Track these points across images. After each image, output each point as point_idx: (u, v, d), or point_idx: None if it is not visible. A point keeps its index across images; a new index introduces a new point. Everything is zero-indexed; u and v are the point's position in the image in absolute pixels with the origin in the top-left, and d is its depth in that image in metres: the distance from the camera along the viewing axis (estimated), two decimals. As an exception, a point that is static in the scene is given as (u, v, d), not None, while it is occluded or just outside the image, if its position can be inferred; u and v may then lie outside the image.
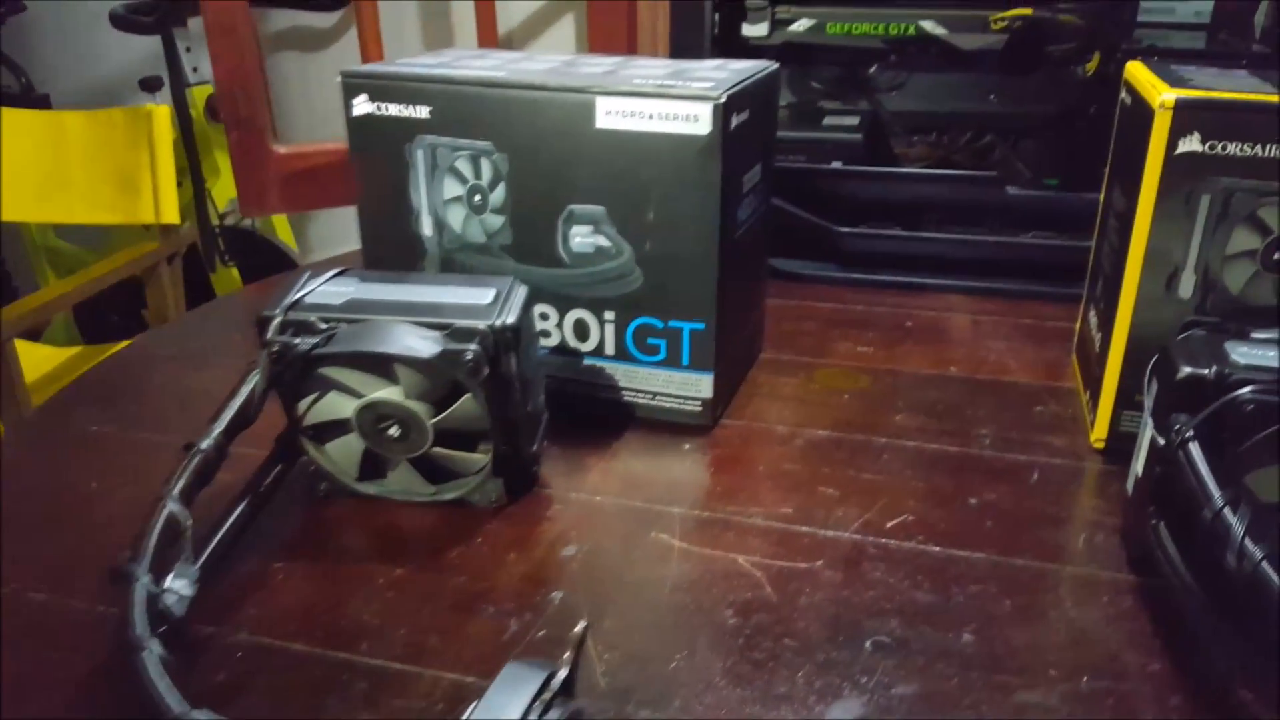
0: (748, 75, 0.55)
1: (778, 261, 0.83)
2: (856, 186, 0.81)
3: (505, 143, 0.54)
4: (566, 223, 0.55)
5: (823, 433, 0.57)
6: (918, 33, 0.80)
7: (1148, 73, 0.53)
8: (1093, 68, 0.78)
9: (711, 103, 0.50)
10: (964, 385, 0.63)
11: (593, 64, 0.58)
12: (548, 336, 0.58)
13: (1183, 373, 0.41)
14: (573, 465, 0.54)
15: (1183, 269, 0.49)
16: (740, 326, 0.61)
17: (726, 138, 0.51)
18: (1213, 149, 0.47)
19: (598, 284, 0.55)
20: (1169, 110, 0.47)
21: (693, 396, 0.57)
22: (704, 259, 0.53)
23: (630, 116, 0.52)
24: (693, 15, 0.76)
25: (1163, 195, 0.48)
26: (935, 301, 0.77)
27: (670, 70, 0.56)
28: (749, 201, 0.58)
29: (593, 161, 0.53)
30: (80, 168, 1.36)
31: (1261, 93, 0.47)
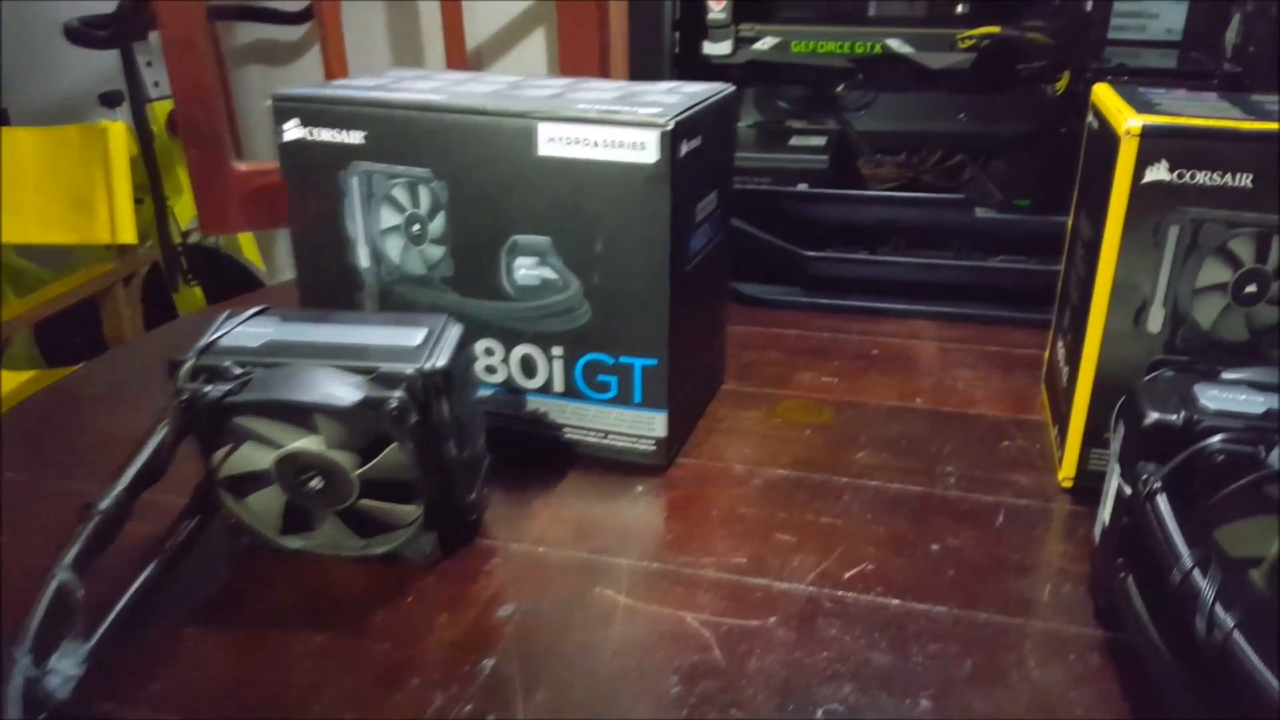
0: (701, 99, 0.53)
1: (743, 286, 0.80)
2: (822, 209, 0.79)
3: (444, 170, 0.52)
4: (510, 254, 0.52)
5: (782, 472, 0.55)
6: (884, 51, 0.78)
7: (1114, 96, 0.51)
8: (1062, 86, 0.77)
9: (658, 130, 0.48)
10: (929, 418, 0.61)
11: (540, 87, 0.56)
12: (493, 373, 0.55)
13: (1149, 419, 0.38)
14: (517, 512, 0.51)
15: (1151, 302, 0.47)
16: (697, 361, 0.58)
17: (676, 166, 0.49)
18: (1181, 178, 0.45)
19: (544, 318, 0.53)
20: (1135, 138, 0.45)
21: (646, 435, 0.54)
22: (654, 293, 0.51)
23: (574, 143, 0.49)
24: (650, 34, 0.74)
25: (1130, 225, 0.46)
26: (902, 327, 0.75)
27: (619, 94, 0.54)
28: (703, 231, 0.55)
29: (536, 190, 0.50)
30: (33, 186, 1.33)
31: (1230, 118, 0.45)
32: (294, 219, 0.56)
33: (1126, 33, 0.81)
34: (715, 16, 0.79)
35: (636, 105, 0.50)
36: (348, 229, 0.55)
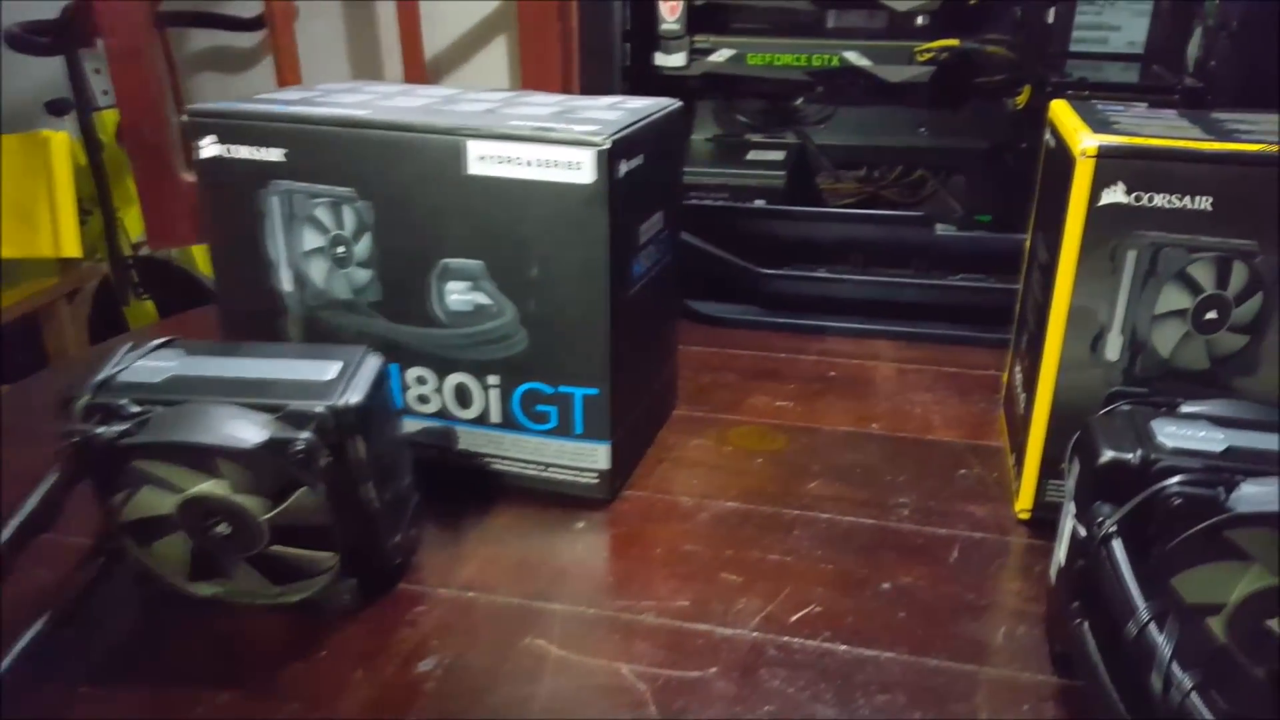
0: (644, 115, 0.50)
1: (698, 305, 0.78)
2: (780, 226, 0.77)
3: (369, 189, 0.49)
4: (440, 278, 0.49)
5: (731, 504, 0.52)
6: (842, 64, 0.76)
7: (1071, 113, 0.49)
8: (1023, 100, 0.75)
9: (594, 148, 0.45)
10: (885, 445, 0.59)
11: (475, 101, 0.53)
12: (425, 403, 0.52)
13: (1105, 457, 0.36)
14: (448, 553, 0.48)
15: (1109, 329, 0.45)
16: (642, 388, 0.55)
17: (615, 186, 0.46)
18: (1139, 200, 0.43)
19: (478, 346, 0.50)
20: (1091, 158, 0.43)
21: (588, 468, 0.51)
22: (594, 319, 0.48)
23: (505, 162, 0.46)
24: (600, 45, 0.71)
25: (1086, 249, 0.44)
26: (861, 348, 0.73)
27: (558, 109, 0.51)
28: (648, 253, 0.53)
29: (466, 211, 0.48)
30: (-28, 199, 1.28)
31: (1190, 138, 0.43)
32: (213, 241, 0.53)
33: (1088, 45, 0.80)
34: (669, 27, 0.77)
35: (573, 122, 0.47)
36: (269, 251, 0.52)
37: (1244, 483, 0.34)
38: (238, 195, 0.51)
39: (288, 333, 0.53)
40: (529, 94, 0.56)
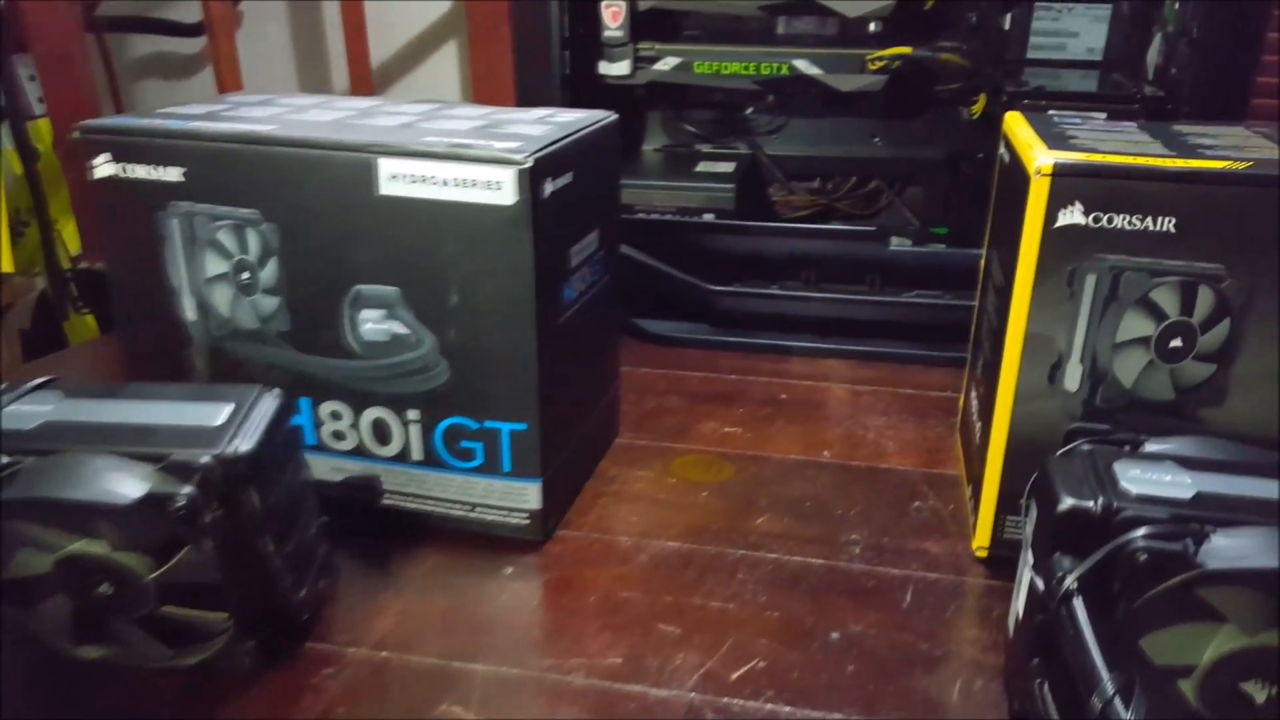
0: (574, 130, 0.47)
1: (646, 323, 0.75)
2: (729, 241, 0.73)
3: (274, 211, 0.45)
4: (353, 306, 0.46)
5: (672, 544, 0.49)
6: (791, 73, 0.73)
7: (1025, 127, 0.46)
8: (978, 110, 0.72)
9: (515, 167, 0.42)
10: (837, 475, 0.56)
11: (394, 114, 0.50)
12: (341, 439, 0.48)
13: (1064, 505, 0.33)
14: (362, 605, 0.44)
15: (1067, 358, 0.42)
16: (578, 420, 0.52)
17: (540, 207, 0.43)
18: (1098, 221, 0.40)
19: (396, 378, 0.46)
20: (1046, 177, 0.40)
21: (518, 508, 0.48)
22: (520, 350, 0.45)
23: (419, 182, 0.43)
24: (537, 53, 0.68)
25: (1042, 273, 0.41)
26: (813, 368, 0.70)
27: (481, 124, 0.48)
28: (581, 277, 0.49)
29: (379, 234, 0.44)
30: (-107, 212, 1.22)
31: (1151, 154, 0.41)
32: (112, 267, 0.49)
33: (1046, 52, 0.77)
34: (611, 34, 0.73)
35: (496, 138, 0.44)
36: (170, 278, 0.48)
37: (1214, 534, 0.31)
38: (136, 218, 0.47)
39: (193, 364, 0.49)
40: (455, 106, 0.52)
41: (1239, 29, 0.59)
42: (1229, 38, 0.60)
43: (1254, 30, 0.60)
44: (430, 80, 1.62)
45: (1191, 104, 0.62)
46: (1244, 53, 0.60)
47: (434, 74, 1.62)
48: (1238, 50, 0.60)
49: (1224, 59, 0.60)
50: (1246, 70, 0.61)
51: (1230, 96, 0.61)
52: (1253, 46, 0.60)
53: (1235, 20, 0.59)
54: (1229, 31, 0.59)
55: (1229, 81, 0.61)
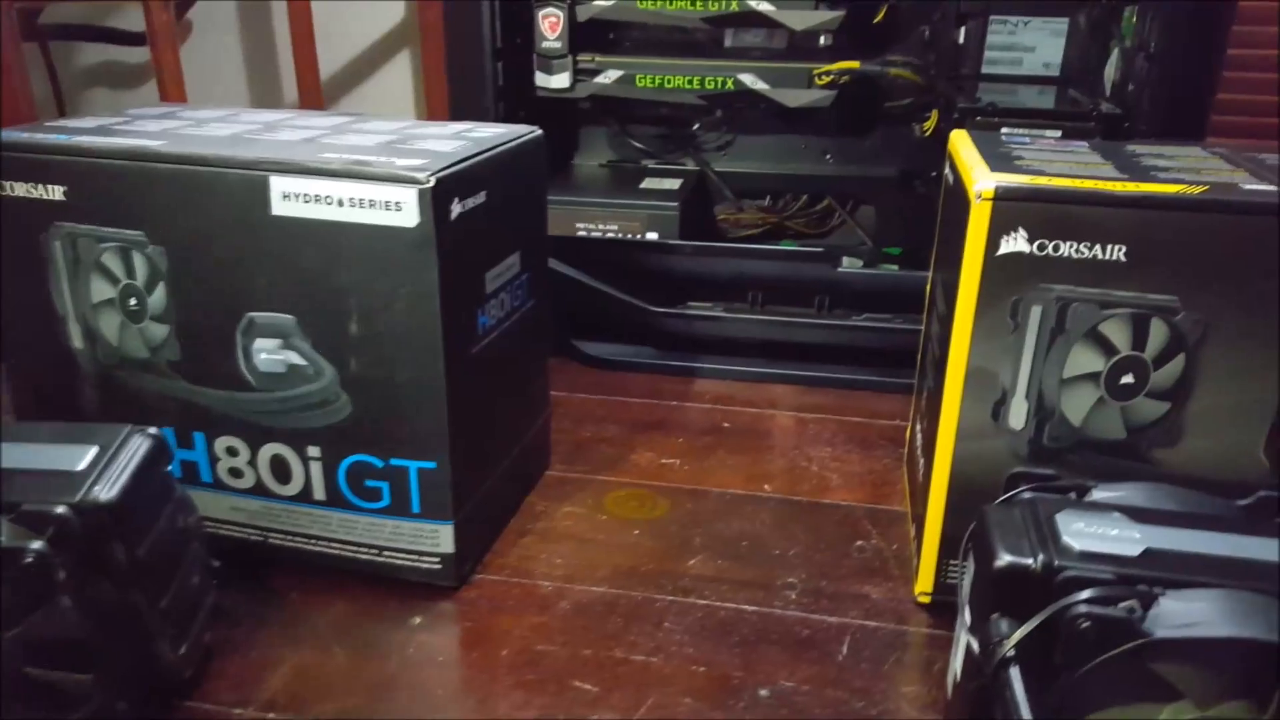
0: (490, 146, 0.44)
1: (586, 346, 0.71)
2: (674, 262, 0.70)
3: (163, 232, 0.41)
4: (247, 335, 0.42)
5: (598, 589, 0.46)
6: (737, 87, 0.70)
7: (970, 146, 0.43)
8: (930, 126, 0.70)
9: (417, 186, 0.38)
10: (777, 510, 0.53)
11: (300, 127, 0.46)
12: (239, 477, 0.45)
13: (1002, 561, 0.30)
14: (255, 659, 0.41)
15: (1012, 394, 0.39)
16: (497, 455, 0.48)
17: (446, 229, 0.39)
18: (1043, 249, 0.37)
19: (294, 412, 0.43)
20: (987, 201, 0.37)
21: (429, 552, 0.44)
22: (427, 382, 0.41)
23: (315, 201, 0.39)
24: (470, 65, 0.65)
25: (984, 304, 0.39)
26: (759, 393, 0.67)
27: (391, 138, 0.44)
28: (500, 302, 0.46)
29: (273, 258, 0.41)
30: None
31: (1101, 176, 0.38)
32: None
33: (1001, 67, 0.75)
34: (549, 46, 0.70)
35: (402, 154, 0.41)
36: (56, 303, 0.44)
37: (1164, 597, 0.28)
38: (19, 239, 0.43)
39: (84, 396, 0.46)
40: (370, 119, 0.49)
41: (1197, 45, 0.57)
42: (1187, 54, 0.58)
43: (1212, 46, 0.58)
44: (383, 90, 1.58)
45: (1149, 121, 0.59)
46: (1203, 69, 0.58)
47: (386, 83, 1.59)
48: (1196, 66, 0.58)
49: (1182, 75, 0.58)
50: (1205, 87, 0.59)
51: (1189, 114, 0.59)
52: (1211, 63, 0.58)
53: (1193, 36, 0.57)
54: (1187, 47, 0.57)
55: (1188, 98, 0.59)
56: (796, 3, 0.67)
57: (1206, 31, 0.57)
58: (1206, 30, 0.57)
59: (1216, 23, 0.57)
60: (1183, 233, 0.36)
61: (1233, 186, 0.37)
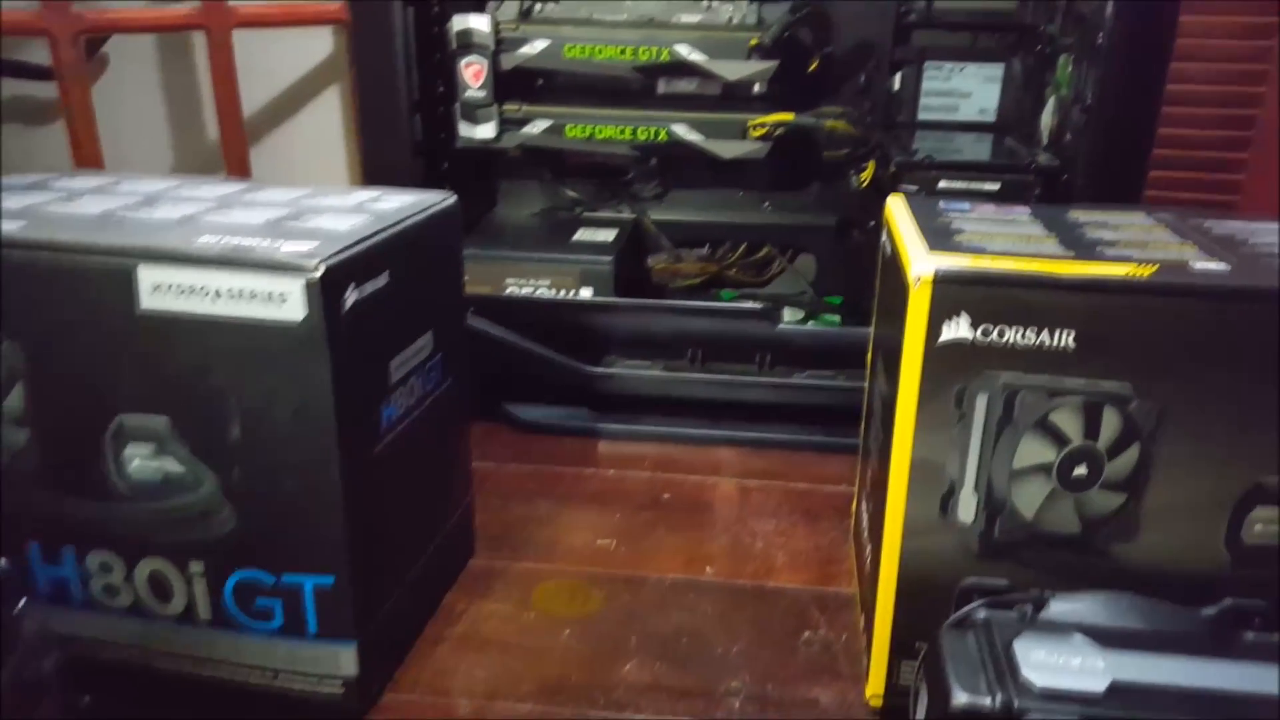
0: (394, 221, 0.40)
1: (518, 410, 0.68)
2: (608, 319, 0.67)
3: (18, 327, 0.37)
4: (117, 440, 0.38)
5: (522, 706, 0.42)
6: (670, 138, 0.67)
7: (908, 216, 0.41)
8: (867, 177, 0.68)
9: (303, 276, 0.34)
10: (720, 598, 0.49)
11: (187, 199, 0.42)
12: (114, 595, 0.40)
13: (957, 701, 0.27)
14: (124, 811, 0.36)
15: (960, 487, 0.37)
16: (408, 559, 0.44)
17: (340, 322, 0.36)
18: (987, 335, 0.34)
19: (172, 524, 0.38)
20: (927, 286, 0.34)
21: (330, 675, 0.40)
22: (320, 490, 0.37)
23: (188, 294, 0.35)
24: (384, 115, 0.61)
25: (927, 392, 0.36)
26: (701, 458, 0.64)
27: (283, 212, 0.40)
28: (409, 389, 0.42)
29: (144, 356, 0.36)
30: None
31: (1045, 254, 0.36)
32: None
33: (937, 113, 0.73)
34: (473, 95, 0.67)
35: (287, 235, 0.37)
36: (-103, 405, 0.39)
37: (1133, 746, 0.25)
38: None
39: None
40: (263, 189, 0.45)
41: (1134, 98, 0.56)
42: (1124, 107, 0.56)
43: (1149, 99, 0.56)
44: (311, 124, 1.53)
45: (1088, 176, 0.58)
46: (1141, 122, 0.57)
47: (315, 118, 1.53)
48: (1134, 120, 0.56)
49: (1121, 129, 0.57)
50: (1144, 140, 0.57)
51: (1129, 167, 0.57)
52: (1148, 116, 0.57)
53: (1130, 89, 0.55)
54: (1124, 100, 0.56)
55: (1126, 151, 0.57)
56: (729, 53, 0.64)
57: (1142, 86, 0.55)
58: (1142, 84, 0.55)
59: (1152, 77, 0.56)
60: (1133, 317, 0.34)
61: (1182, 265, 0.35)
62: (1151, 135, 0.57)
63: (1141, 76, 0.56)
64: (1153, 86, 0.56)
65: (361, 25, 0.59)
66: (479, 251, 0.68)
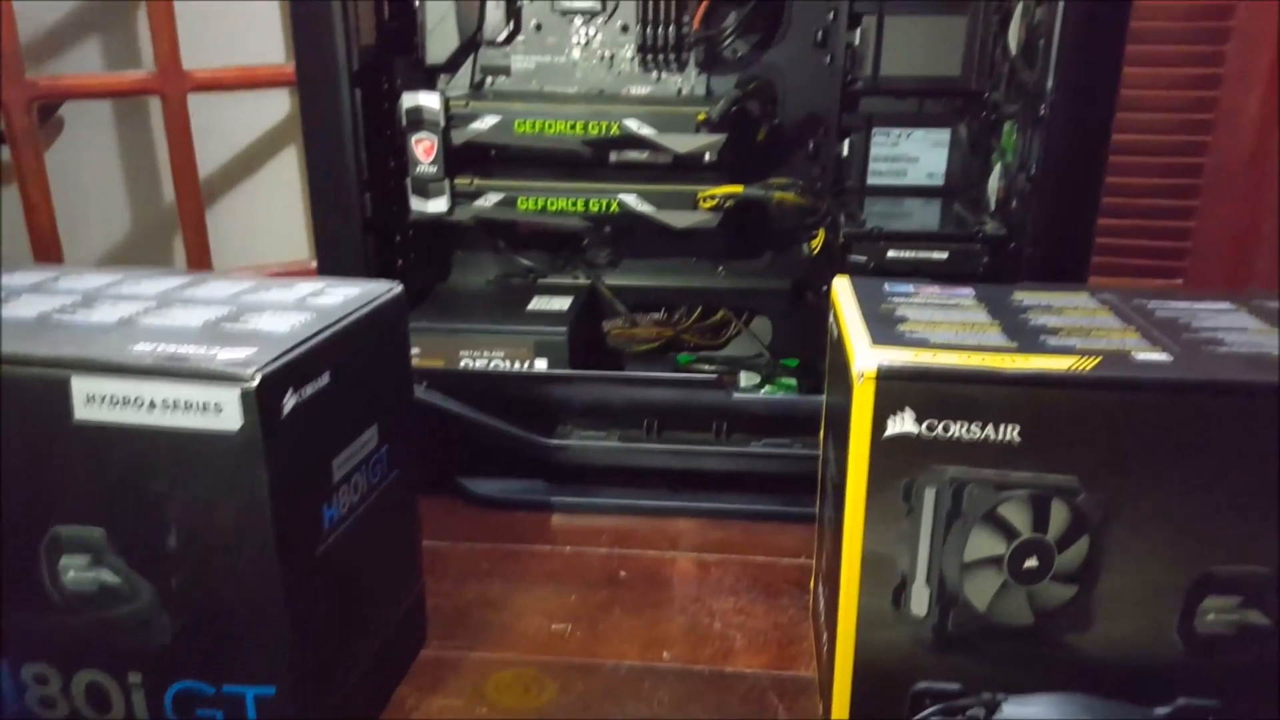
0: (339, 318, 0.40)
1: (473, 484, 0.67)
2: (563, 390, 0.67)
3: (-55, 440, 0.36)
4: (52, 550, 0.36)
5: (473, 805, 0.41)
6: (621, 210, 0.68)
7: (853, 302, 0.41)
8: (818, 245, 0.68)
9: (239, 386, 0.34)
10: (677, 685, 0.48)
11: (128, 297, 0.41)
12: (51, 708, 0.39)
13: (910, 821, 0.27)
14: None
15: (912, 580, 0.36)
16: (355, 661, 0.43)
17: (278, 428, 0.35)
18: (932, 430, 0.34)
19: (110, 635, 0.37)
20: (871, 382, 0.34)
21: (274, 782, 0.39)
22: (262, 597, 0.36)
23: (123, 405, 0.34)
24: (334, 195, 0.60)
25: (875, 487, 0.36)
26: (659, 531, 0.63)
27: (222, 312, 0.40)
28: (353, 485, 0.41)
29: (80, 466, 0.35)
30: None
31: (989, 345, 0.36)
32: None
33: (886, 178, 0.74)
34: (424, 171, 0.67)
35: (224, 340, 0.36)
36: None
37: None
38: None
39: None
40: (208, 282, 0.44)
41: (1078, 168, 0.57)
42: (1068, 177, 0.57)
43: (1093, 169, 0.57)
44: (269, 185, 1.52)
45: (1035, 244, 0.58)
46: (1086, 191, 0.58)
47: (273, 177, 1.53)
48: (1079, 189, 0.57)
49: (1065, 199, 0.58)
50: (1088, 210, 0.58)
51: (1074, 237, 0.58)
52: (1093, 185, 0.58)
53: (1073, 159, 0.57)
54: (1068, 171, 0.57)
55: (1072, 221, 0.58)
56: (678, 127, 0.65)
57: (1087, 158, 0.56)
58: (1087, 156, 0.56)
59: (1096, 146, 0.57)
60: (1077, 411, 0.34)
61: (1125, 357, 0.35)
62: (1096, 204, 0.58)
63: (1085, 147, 0.57)
64: (1097, 155, 0.57)
65: (311, 108, 0.59)
66: (432, 325, 0.68)
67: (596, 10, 0.69)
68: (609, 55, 0.71)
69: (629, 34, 0.70)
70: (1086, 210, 0.58)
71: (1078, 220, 0.58)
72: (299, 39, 0.57)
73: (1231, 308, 0.40)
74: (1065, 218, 0.58)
